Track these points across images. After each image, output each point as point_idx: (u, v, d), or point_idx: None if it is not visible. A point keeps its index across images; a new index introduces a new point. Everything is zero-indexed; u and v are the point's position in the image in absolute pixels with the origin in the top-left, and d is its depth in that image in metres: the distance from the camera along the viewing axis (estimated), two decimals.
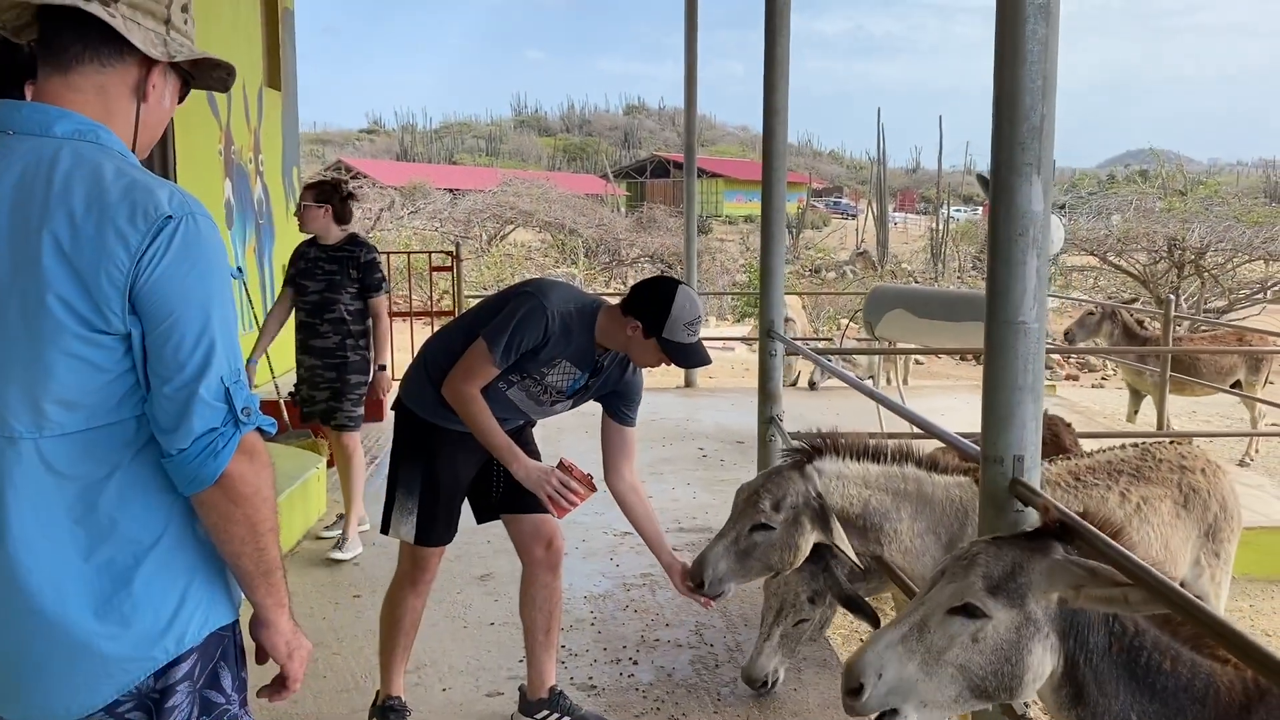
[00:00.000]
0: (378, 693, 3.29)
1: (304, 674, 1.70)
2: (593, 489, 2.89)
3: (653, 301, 2.84)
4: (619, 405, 3.12)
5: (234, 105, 6.59)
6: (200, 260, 1.47)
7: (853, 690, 1.80)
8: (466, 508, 3.21)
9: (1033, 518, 2.22)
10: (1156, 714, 1.75)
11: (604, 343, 2.94)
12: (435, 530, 3.06)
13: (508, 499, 3.15)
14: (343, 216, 4.87)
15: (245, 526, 1.52)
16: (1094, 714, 1.80)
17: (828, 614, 3.56)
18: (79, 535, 1.46)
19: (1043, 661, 1.80)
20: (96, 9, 1.47)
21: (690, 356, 2.89)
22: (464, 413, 2.89)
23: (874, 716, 1.83)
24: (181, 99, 1.68)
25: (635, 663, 3.87)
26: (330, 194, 4.82)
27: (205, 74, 1.67)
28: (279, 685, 1.68)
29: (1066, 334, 9.54)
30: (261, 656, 1.69)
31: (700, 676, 3.75)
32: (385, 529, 3.11)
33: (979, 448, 2.33)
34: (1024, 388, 2.19)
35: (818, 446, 2.93)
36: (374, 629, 4.04)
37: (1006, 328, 2.18)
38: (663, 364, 2.92)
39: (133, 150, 1.56)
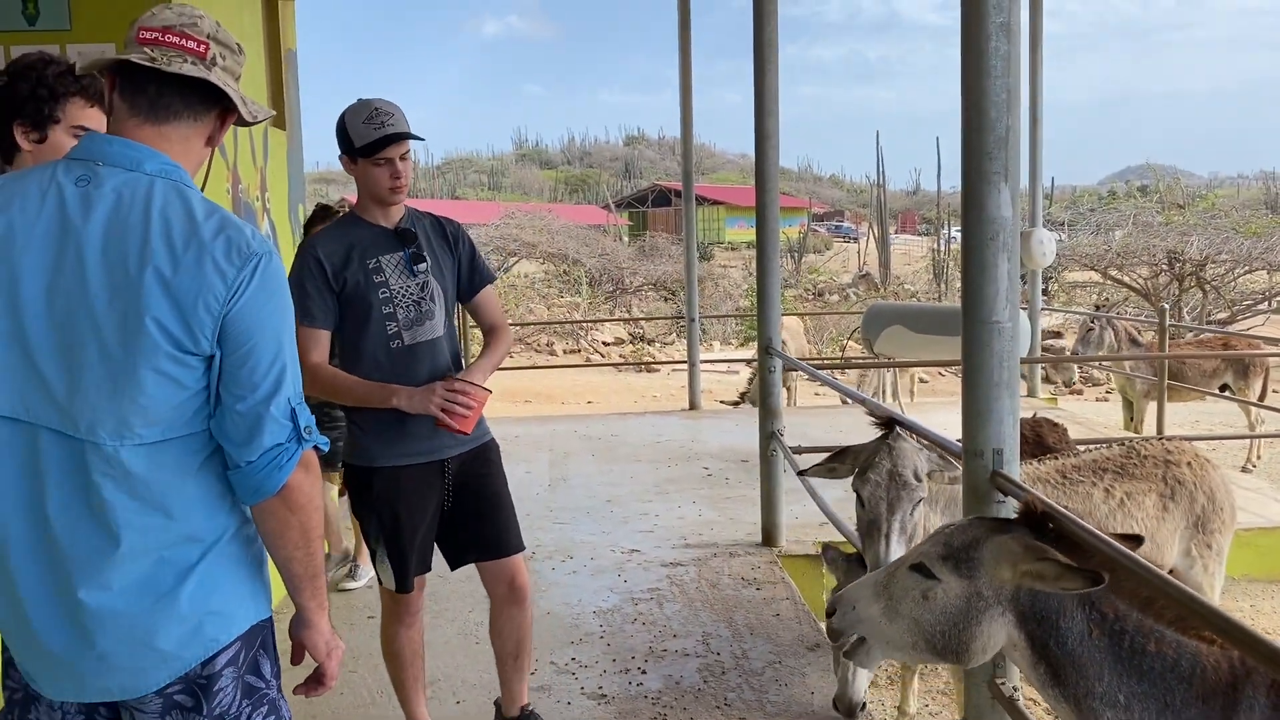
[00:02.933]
0: None
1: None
2: (482, 390, 2.80)
3: (336, 132, 2.80)
4: (473, 277, 3.02)
5: (240, 145, 6.75)
6: (277, 294, 1.66)
7: (830, 613, 2.05)
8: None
9: (1013, 508, 2.33)
10: (1145, 694, 1.81)
11: (371, 214, 2.87)
12: (409, 572, 3.02)
13: (471, 542, 3.08)
14: None
15: (299, 533, 1.69)
16: (1075, 693, 1.86)
17: None
18: (151, 536, 1.61)
19: (993, 635, 1.91)
20: (216, 79, 1.67)
21: (387, 139, 2.75)
22: (321, 387, 2.78)
23: (850, 652, 2.06)
24: None
25: (644, 672, 3.96)
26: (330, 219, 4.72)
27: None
28: (316, 682, 1.85)
29: (1073, 354, 9.67)
30: (296, 657, 1.84)
31: (707, 684, 3.84)
32: (379, 579, 3.11)
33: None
34: (1000, 384, 2.30)
35: (892, 419, 3.06)
36: None
37: (982, 327, 2.30)
38: (390, 176, 2.78)
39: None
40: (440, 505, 3.01)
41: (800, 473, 3.61)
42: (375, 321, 2.83)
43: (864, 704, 3.39)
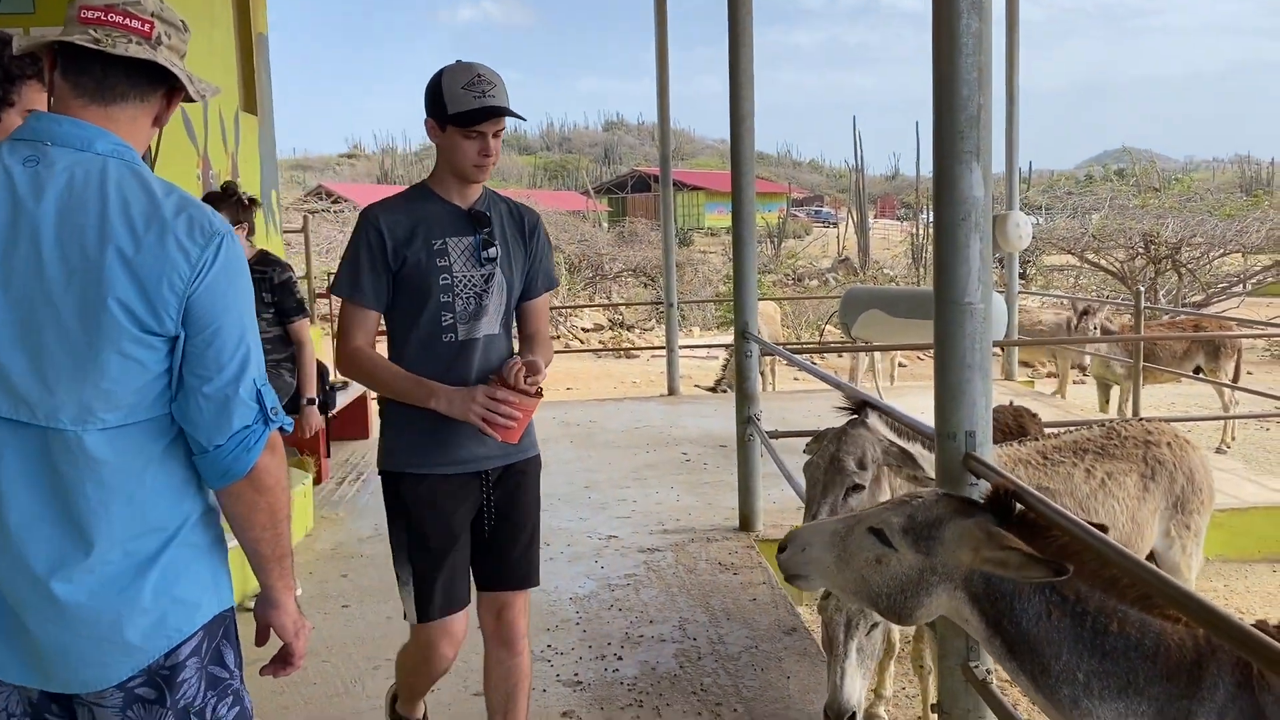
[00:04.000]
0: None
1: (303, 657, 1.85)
2: (535, 395, 2.48)
3: (428, 91, 2.52)
4: (536, 277, 2.72)
5: (210, 129, 6.66)
6: (239, 275, 1.63)
7: (782, 549, 2.13)
8: None
9: (987, 490, 2.32)
10: (1106, 672, 1.80)
11: (447, 190, 2.59)
12: (435, 599, 2.59)
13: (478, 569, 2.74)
14: (253, 228, 4.42)
15: (267, 514, 1.68)
16: (1031, 669, 1.86)
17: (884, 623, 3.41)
18: (114, 525, 1.57)
19: (938, 607, 1.94)
20: (163, 60, 1.63)
21: (486, 110, 2.48)
22: (360, 373, 2.57)
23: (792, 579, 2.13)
24: None
25: (620, 658, 3.94)
26: (238, 210, 4.17)
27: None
28: (283, 662, 1.82)
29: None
30: (261, 639, 1.82)
31: (684, 669, 3.82)
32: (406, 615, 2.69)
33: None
34: (972, 366, 2.29)
35: (863, 403, 3.04)
36: (362, 636, 4.13)
37: (954, 309, 2.28)
38: (480, 152, 2.52)
39: None
40: (480, 525, 2.67)
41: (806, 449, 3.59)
42: (431, 309, 2.54)
43: (854, 713, 2.92)
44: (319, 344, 8.62)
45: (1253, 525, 5.87)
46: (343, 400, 7.14)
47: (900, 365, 14.97)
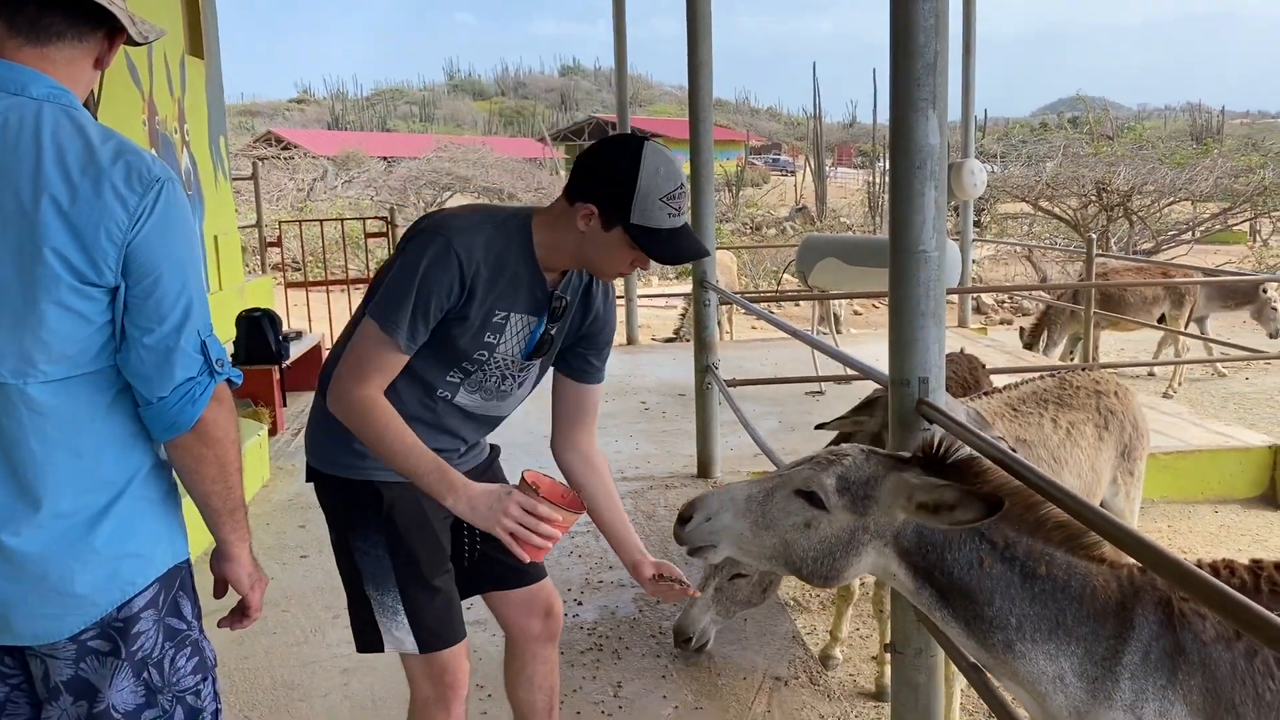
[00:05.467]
0: None
1: (261, 608, 1.84)
2: (578, 508, 2.03)
3: (609, 172, 1.95)
4: (586, 355, 2.27)
5: (156, 74, 6.49)
6: (180, 222, 1.58)
7: (683, 520, 1.94)
8: None
9: (939, 437, 2.36)
10: (1037, 615, 1.84)
11: (553, 263, 2.07)
12: (441, 622, 2.16)
13: (487, 567, 2.33)
14: None
15: (216, 467, 1.65)
16: (964, 616, 1.89)
17: (771, 575, 3.55)
18: (62, 479, 1.55)
19: (864, 566, 1.90)
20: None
21: (676, 246, 1.98)
22: (362, 428, 1.98)
23: (695, 552, 1.97)
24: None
25: (580, 604, 3.98)
26: None
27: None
28: (240, 614, 1.83)
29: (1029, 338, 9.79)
30: (219, 591, 1.81)
31: (642, 613, 3.88)
32: (369, 647, 2.20)
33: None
34: (926, 313, 2.31)
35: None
36: (321, 586, 4.13)
37: (908, 256, 2.30)
38: (638, 267, 2.05)
39: None
40: (461, 532, 2.29)
41: (818, 426, 3.58)
42: (442, 367, 2.09)
43: (691, 638, 3.50)
44: (269, 295, 8.51)
45: (1196, 468, 6.03)
46: (297, 350, 7.08)
47: (855, 313, 15.11)
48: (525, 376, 2.20)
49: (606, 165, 1.97)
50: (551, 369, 2.30)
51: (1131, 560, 1.81)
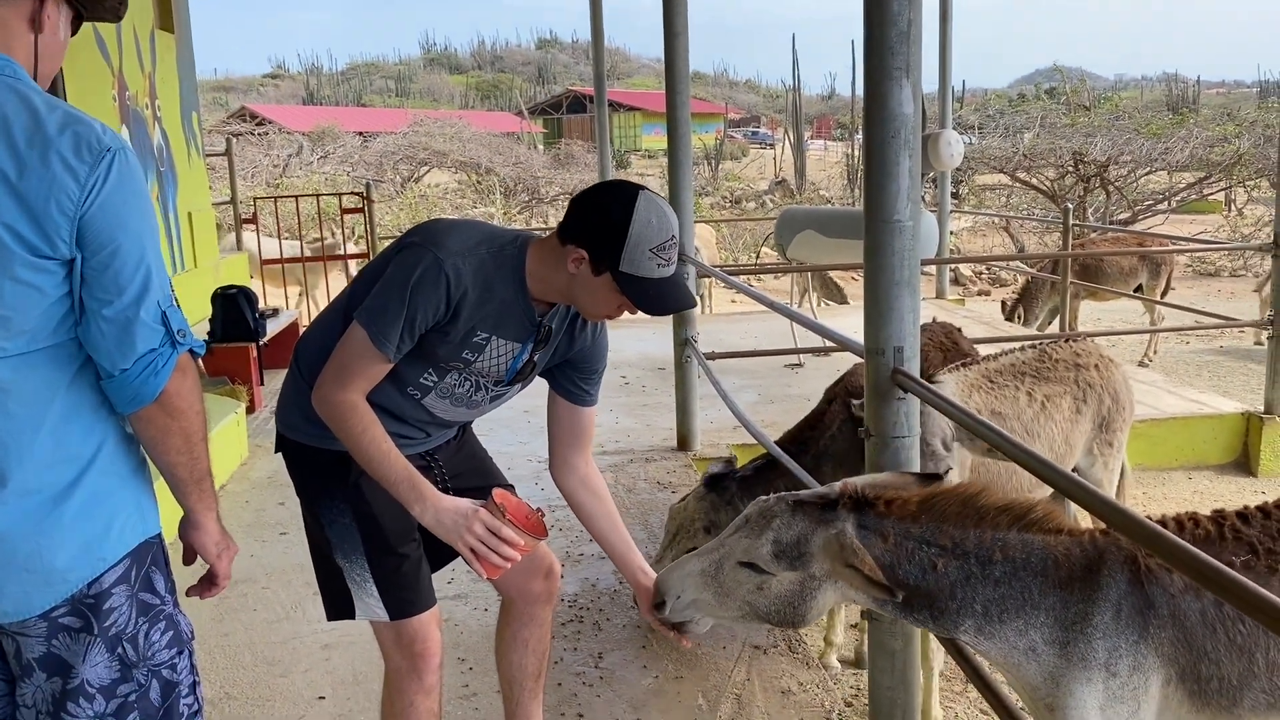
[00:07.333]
0: None
1: (230, 575, 1.84)
2: (540, 533, 2.07)
3: (601, 218, 1.99)
4: (574, 379, 2.29)
5: (125, 49, 6.39)
6: (135, 192, 1.55)
7: (659, 604, 2.04)
8: None
9: (914, 405, 2.37)
10: (1002, 597, 1.88)
11: (542, 294, 2.09)
12: (410, 589, 2.20)
13: None
14: None
15: (181, 438, 1.64)
16: (930, 613, 1.92)
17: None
18: (26, 455, 1.53)
19: (828, 601, 1.95)
20: None
21: (663, 296, 2.02)
22: (341, 430, 2.03)
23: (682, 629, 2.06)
24: (74, 31, 1.72)
25: (561, 577, 3.98)
26: None
27: (97, 5, 1.71)
28: (209, 583, 1.82)
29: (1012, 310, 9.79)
30: (188, 558, 1.81)
31: (623, 585, 3.90)
32: (340, 614, 2.24)
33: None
34: (901, 283, 2.32)
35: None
36: (301, 563, 4.11)
37: (883, 226, 2.30)
38: (624, 312, 2.08)
39: (34, 80, 1.60)
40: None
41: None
42: (415, 369, 2.11)
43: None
44: (244, 272, 8.44)
45: (1171, 435, 6.10)
46: (274, 328, 7.03)
47: (854, 279, 15.12)
48: (499, 393, 2.23)
49: (600, 211, 2.00)
50: (550, 391, 2.33)
51: (1091, 525, 1.84)
